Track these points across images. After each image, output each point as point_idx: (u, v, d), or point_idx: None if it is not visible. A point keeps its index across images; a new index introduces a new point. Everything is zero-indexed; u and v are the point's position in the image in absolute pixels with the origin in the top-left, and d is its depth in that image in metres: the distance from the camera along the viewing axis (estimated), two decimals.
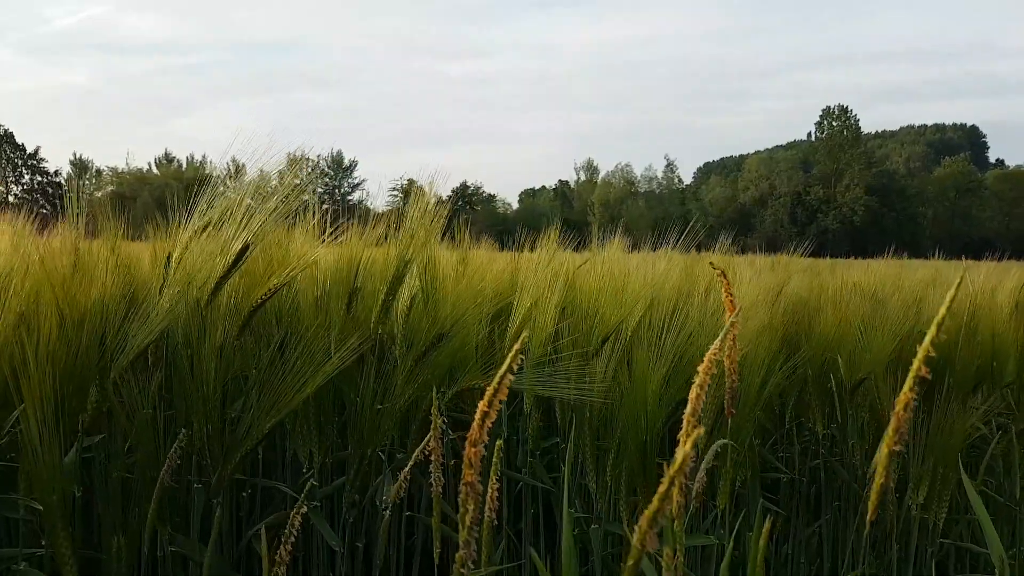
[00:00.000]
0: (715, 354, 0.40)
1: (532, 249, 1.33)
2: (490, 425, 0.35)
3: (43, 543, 0.83)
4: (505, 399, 0.36)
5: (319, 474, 1.03)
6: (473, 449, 0.35)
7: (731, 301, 0.69)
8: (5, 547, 0.88)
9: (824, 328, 1.23)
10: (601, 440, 1.00)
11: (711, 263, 0.71)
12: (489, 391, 0.34)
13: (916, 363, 0.39)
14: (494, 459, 0.50)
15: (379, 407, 0.96)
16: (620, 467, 0.95)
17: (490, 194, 39.33)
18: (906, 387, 0.39)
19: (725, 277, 0.65)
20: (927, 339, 0.39)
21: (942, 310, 0.40)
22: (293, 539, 0.47)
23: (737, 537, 1.06)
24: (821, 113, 36.20)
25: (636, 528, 0.27)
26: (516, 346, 0.34)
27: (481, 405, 0.35)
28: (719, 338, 0.42)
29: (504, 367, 0.34)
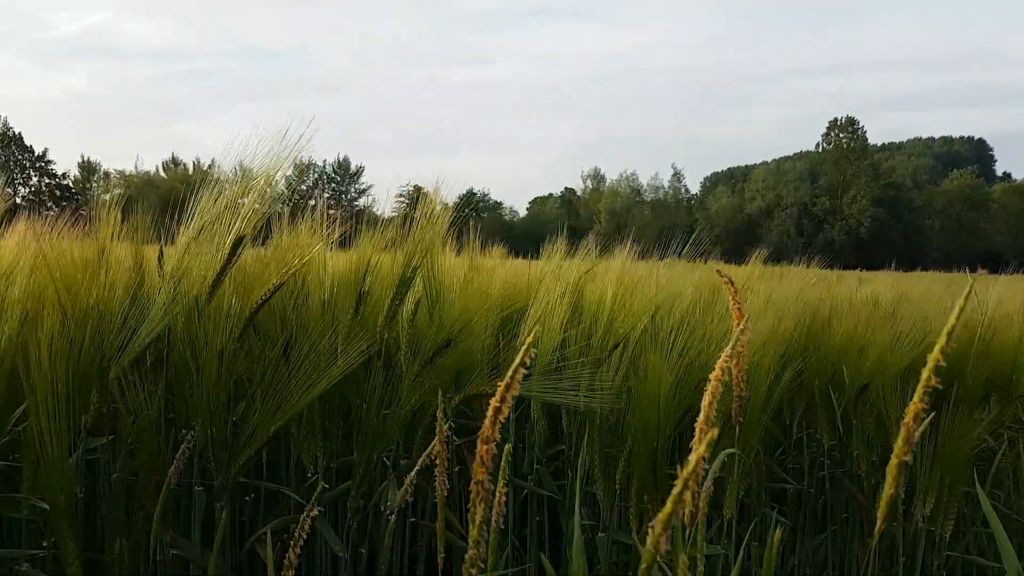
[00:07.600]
0: (727, 361, 0.39)
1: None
2: (502, 423, 0.35)
3: (44, 544, 0.83)
4: (517, 394, 0.35)
5: (323, 478, 1.02)
6: (485, 447, 0.35)
7: (738, 309, 0.68)
8: (6, 548, 0.87)
9: (833, 339, 1.22)
10: (610, 447, 0.99)
11: (717, 270, 0.70)
12: (501, 387, 0.34)
13: (926, 373, 0.38)
14: (502, 463, 0.49)
15: (385, 412, 0.95)
16: (630, 474, 0.94)
17: (496, 201, 39.42)
18: (916, 397, 0.38)
19: (732, 284, 0.64)
20: (936, 348, 0.38)
21: (951, 319, 0.39)
22: (302, 544, 0.46)
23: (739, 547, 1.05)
24: (828, 124, 36.19)
25: (649, 531, 0.27)
26: (528, 339, 0.33)
27: (493, 402, 0.34)
28: (729, 345, 0.41)
29: (516, 361, 0.34)
